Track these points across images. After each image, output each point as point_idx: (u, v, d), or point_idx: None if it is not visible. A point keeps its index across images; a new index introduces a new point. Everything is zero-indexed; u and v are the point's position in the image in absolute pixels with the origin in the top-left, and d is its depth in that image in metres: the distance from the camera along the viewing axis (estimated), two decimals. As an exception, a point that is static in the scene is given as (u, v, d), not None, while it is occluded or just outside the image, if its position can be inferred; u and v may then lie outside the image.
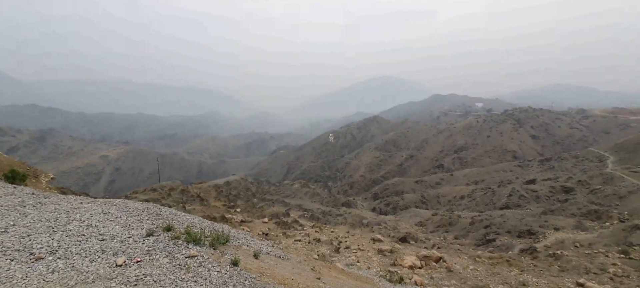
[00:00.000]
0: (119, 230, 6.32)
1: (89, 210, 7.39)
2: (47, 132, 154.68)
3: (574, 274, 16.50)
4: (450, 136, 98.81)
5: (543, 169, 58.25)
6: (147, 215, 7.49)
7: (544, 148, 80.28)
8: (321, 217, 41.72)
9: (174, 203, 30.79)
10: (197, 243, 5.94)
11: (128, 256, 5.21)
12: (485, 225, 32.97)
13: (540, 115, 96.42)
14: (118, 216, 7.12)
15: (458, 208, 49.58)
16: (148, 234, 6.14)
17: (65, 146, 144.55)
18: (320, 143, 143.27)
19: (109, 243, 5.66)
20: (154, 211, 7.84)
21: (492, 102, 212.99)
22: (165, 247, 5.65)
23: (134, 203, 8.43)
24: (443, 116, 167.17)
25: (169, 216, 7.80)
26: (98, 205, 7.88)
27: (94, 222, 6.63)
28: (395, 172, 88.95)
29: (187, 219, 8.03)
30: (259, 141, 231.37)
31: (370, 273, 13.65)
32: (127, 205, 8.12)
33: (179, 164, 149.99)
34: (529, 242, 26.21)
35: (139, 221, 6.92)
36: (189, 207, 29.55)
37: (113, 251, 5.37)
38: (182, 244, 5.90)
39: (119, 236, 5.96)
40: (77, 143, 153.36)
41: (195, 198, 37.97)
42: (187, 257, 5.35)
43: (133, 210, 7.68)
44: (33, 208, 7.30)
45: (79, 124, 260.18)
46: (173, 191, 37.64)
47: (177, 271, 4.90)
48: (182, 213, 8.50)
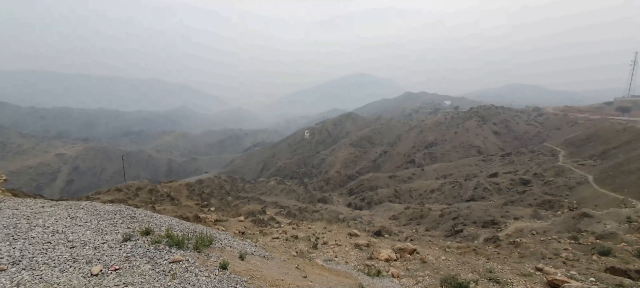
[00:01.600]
0: (91, 235, 5.84)
1: (52, 215, 6.77)
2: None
3: (533, 260, 17.99)
4: (421, 132, 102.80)
5: (504, 163, 62.58)
6: (120, 217, 7.00)
7: (505, 143, 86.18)
8: (298, 214, 41.77)
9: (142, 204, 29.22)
10: (180, 247, 5.65)
11: (104, 264, 4.82)
12: (454, 217, 34.85)
13: (502, 112, 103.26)
14: (87, 221, 6.57)
15: (429, 201, 51.87)
16: (124, 239, 5.74)
17: (14, 144, 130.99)
18: (296, 140, 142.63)
19: (81, 250, 5.20)
20: (127, 214, 7.35)
21: (459, 100, 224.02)
22: (146, 252, 5.32)
23: (104, 206, 7.87)
24: (414, 113, 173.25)
25: (145, 218, 7.36)
26: (63, 209, 7.25)
27: (60, 228, 6.07)
28: (369, 168, 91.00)
29: (165, 221, 7.63)
30: (233, 138, 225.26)
31: (349, 267, 13.94)
32: (96, 208, 7.54)
33: (147, 163, 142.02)
34: (493, 232, 28.08)
35: (112, 225, 6.44)
36: (158, 207, 28.19)
37: (86, 259, 4.93)
38: (163, 248, 5.59)
39: (91, 243, 5.51)
40: (28, 140, 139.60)
41: (166, 197, 36.36)
42: (171, 262, 5.08)
43: (104, 213, 7.14)
44: (-15, 215, 6.56)
45: (30, 120, 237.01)
46: (141, 191, 35.73)
47: (162, 278, 4.62)
48: (158, 215, 8.07)
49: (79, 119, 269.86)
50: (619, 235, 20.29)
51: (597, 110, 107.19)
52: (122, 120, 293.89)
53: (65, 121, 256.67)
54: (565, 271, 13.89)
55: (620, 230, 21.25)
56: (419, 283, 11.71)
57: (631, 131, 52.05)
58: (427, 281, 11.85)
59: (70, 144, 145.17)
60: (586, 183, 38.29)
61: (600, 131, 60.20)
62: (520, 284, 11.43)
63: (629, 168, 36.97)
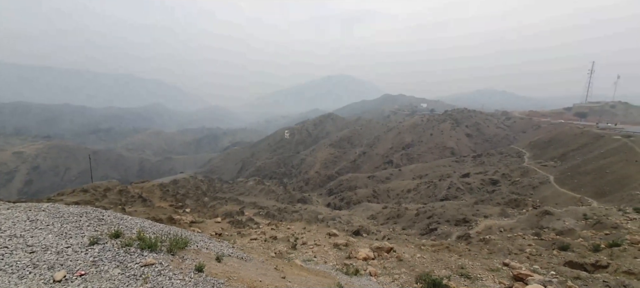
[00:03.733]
0: (53, 239, 5.43)
1: (9, 218, 6.24)
2: None
3: (500, 255, 19.03)
4: (399, 133, 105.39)
5: (475, 164, 65.63)
6: (86, 220, 6.57)
7: (476, 145, 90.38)
8: (277, 214, 41.32)
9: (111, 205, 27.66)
10: (152, 250, 5.38)
11: (68, 269, 4.48)
12: (429, 216, 36.03)
13: (473, 116, 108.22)
14: (49, 224, 6.11)
15: (405, 200, 53.27)
16: (91, 242, 5.38)
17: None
18: (276, 140, 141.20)
19: (41, 255, 4.82)
20: (94, 216, 6.92)
21: (434, 103, 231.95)
22: (115, 256, 5.02)
23: (69, 208, 7.36)
24: (393, 115, 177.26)
25: (114, 220, 6.97)
26: (21, 211, 6.70)
27: (18, 232, 5.60)
28: (349, 168, 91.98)
29: (137, 223, 7.27)
30: (210, 137, 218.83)
31: (327, 267, 14.01)
32: (59, 210, 7.04)
33: (116, 162, 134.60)
34: (464, 229, 29.32)
35: (77, 228, 6.02)
36: (129, 209, 26.81)
37: (48, 264, 4.57)
38: (134, 252, 5.30)
39: (53, 247, 5.11)
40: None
41: (137, 198, 34.63)
42: (143, 265, 4.82)
43: (68, 216, 6.67)
44: None
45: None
46: (109, 192, 33.80)
47: (132, 282, 4.38)
48: (129, 217, 7.67)
49: (39, 115, 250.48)
50: (577, 232, 21.91)
51: (558, 115, 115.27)
52: (89, 117, 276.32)
53: (24, 117, 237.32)
54: (529, 265, 14.81)
55: (578, 227, 22.95)
56: (395, 280, 12.00)
57: (587, 135, 56.43)
58: (403, 278, 12.17)
59: (29, 142, 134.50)
60: (548, 182, 41.03)
61: (560, 134, 64.74)
62: (489, 279, 12.04)
63: (585, 169, 40.11)
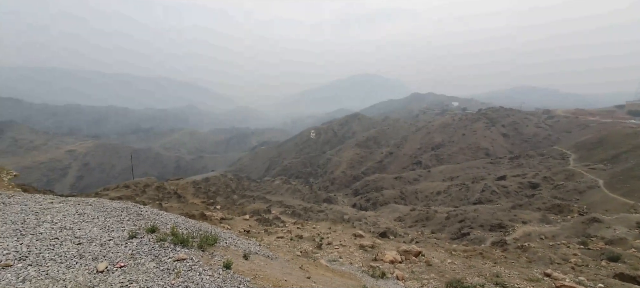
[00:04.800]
0: (98, 232, 5.91)
1: (61, 211, 6.87)
2: (5, 124, 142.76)
3: (541, 265, 17.67)
4: (428, 133, 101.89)
5: (512, 166, 61.60)
6: (127, 215, 7.07)
7: (514, 146, 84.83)
8: (303, 213, 41.79)
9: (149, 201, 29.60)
10: (184, 245, 5.68)
11: (110, 261, 4.86)
12: (460, 220, 34.45)
13: (511, 115, 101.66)
14: (95, 217, 6.65)
15: (435, 203, 51.37)
16: (130, 236, 5.79)
17: (26, 140, 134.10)
18: (302, 139, 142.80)
19: (87, 247, 5.26)
20: (134, 211, 7.42)
21: (467, 102, 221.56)
22: (151, 250, 5.35)
23: (112, 203, 7.96)
24: (421, 114, 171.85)
25: (151, 216, 7.42)
26: (71, 205, 7.35)
27: (68, 224, 6.15)
28: (375, 168, 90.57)
29: (171, 219, 7.68)
30: (240, 136, 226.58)
31: (353, 268, 13.86)
32: (103, 205, 7.64)
33: (154, 160, 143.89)
34: (500, 235, 27.69)
35: (118, 222, 6.50)
36: (165, 204, 28.50)
37: (92, 255, 4.98)
38: (168, 246, 5.61)
39: (98, 240, 5.56)
40: (39, 137, 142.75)
41: (172, 195, 36.71)
42: (176, 260, 5.10)
43: (111, 210, 7.22)
44: (-5, 210, 6.68)
45: (42, 117, 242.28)
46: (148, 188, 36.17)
47: (166, 276, 4.64)
48: (164, 213, 8.14)
49: (89, 116, 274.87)
50: (629, 241, 19.82)
51: (608, 113, 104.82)
52: (131, 117, 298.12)
53: (76, 118, 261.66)
54: (574, 277, 13.59)
55: (630, 236, 20.76)
56: (423, 286, 11.58)
57: (644, 135, 50.75)
58: (432, 284, 11.70)
59: (80, 141, 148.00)
60: (596, 187, 37.47)
61: (611, 135, 58.87)
62: (528, 290, 11.22)
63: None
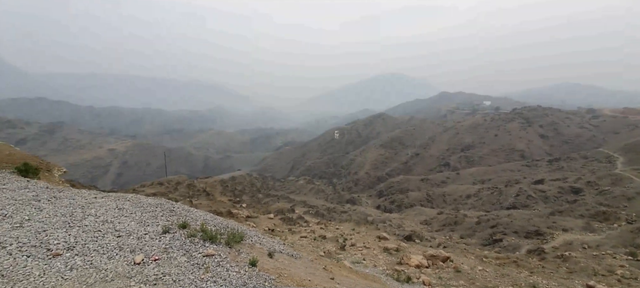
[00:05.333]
0: (135, 226, 6.33)
1: (103, 205, 7.44)
2: (56, 125, 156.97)
3: (583, 276, 16.31)
4: (457, 134, 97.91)
5: (551, 170, 57.48)
6: (160, 210, 7.51)
7: (553, 148, 79.12)
8: (326, 214, 41.83)
9: (181, 197, 31.11)
10: (213, 242, 5.93)
11: (146, 254, 5.20)
12: (492, 225, 32.74)
13: (549, 114, 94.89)
14: (133, 212, 7.14)
15: (464, 207, 49.25)
16: (164, 231, 6.14)
17: (74, 139, 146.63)
18: (326, 140, 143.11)
19: (126, 239, 5.66)
20: (167, 207, 7.87)
21: (500, 101, 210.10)
22: (182, 245, 5.65)
23: (147, 199, 8.48)
24: (450, 114, 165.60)
25: (182, 212, 7.82)
26: (112, 200, 7.94)
27: (109, 218, 6.66)
28: (400, 170, 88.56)
29: (200, 216, 8.05)
30: (264, 137, 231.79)
31: (377, 271, 13.64)
32: (140, 200, 8.16)
33: (185, 159, 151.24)
34: (537, 243, 26.00)
35: (153, 218, 6.93)
36: (195, 201, 29.82)
37: (130, 248, 5.36)
38: (198, 242, 5.87)
39: (135, 233, 5.97)
40: (85, 136, 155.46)
41: (202, 192, 38.30)
42: (205, 255, 5.34)
43: (147, 206, 7.70)
44: (48, 203, 7.34)
45: (87, 118, 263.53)
46: (180, 186, 38.05)
47: (196, 271, 4.87)
48: (194, 210, 8.54)
49: (128, 117, 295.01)
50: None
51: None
52: (164, 118, 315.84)
53: (116, 119, 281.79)
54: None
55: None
56: (452, 293, 11.14)
57: None
58: (461, 292, 11.22)
59: (120, 141, 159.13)
60: (650, 194, 33.92)
61: (669, 135, 52.98)
62: (569, 303, 10.39)
63: None
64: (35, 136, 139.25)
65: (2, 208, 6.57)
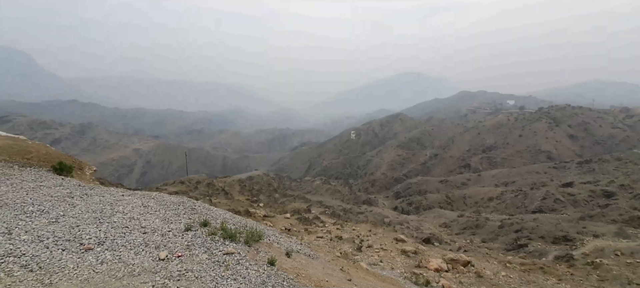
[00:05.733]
0: (159, 223, 6.60)
1: (130, 203, 7.80)
2: (86, 126, 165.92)
3: (616, 285, 15.34)
4: (479, 134, 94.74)
5: (581, 172, 54.38)
6: (183, 209, 7.79)
7: (583, 149, 74.88)
8: (342, 214, 41.65)
9: (201, 196, 32.03)
10: (232, 240, 6.08)
11: (169, 250, 5.41)
12: (516, 229, 31.46)
13: (579, 113, 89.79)
14: (157, 210, 7.44)
15: (486, 210, 47.58)
16: (186, 229, 6.37)
17: (103, 139, 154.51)
18: (342, 140, 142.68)
19: (151, 236, 5.91)
20: (189, 206, 8.15)
21: (525, 100, 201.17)
22: (204, 243, 5.83)
23: (170, 197, 8.82)
24: (471, 114, 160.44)
25: (203, 211, 8.08)
26: (138, 198, 8.31)
27: (135, 215, 6.97)
28: (418, 171, 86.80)
29: (220, 214, 8.27)
30: (281, 137, 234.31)
31: (394, 274, 13.43)
32: (163, 199, 8.50)
33: (205, 159, 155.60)
34: (565, 249, 24.75)
35: (176, 215, 7.19)
36: (214, 200, 30.62)
37: (155, 244, 5.59)
38: (218, 240, 6.05)
39: (159, 230, 6.22)
40: (112, 137, 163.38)
41: (220, 191, 39.26)
42: (225, 253, 5.50)
43: (170, 204, 8.01)
44: (80, 199, 7.78)
45: (114, 119, 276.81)
46: (200, 185, 39.18)
47: (217, 268, 5.02)
48: (214, 208, 8.79)
49: (151, 118, 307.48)
50: None
51: None
52: (185, 119, 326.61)
53: (141, 120, 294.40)
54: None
55: None
56: (473, 299, 10.80)
57: None
58: (482, 298, 10.86)
59: (144, 141, 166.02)
60: (694, 199, 31.35)
61: None
62: (602, 314, 9.80)
63: None
64: (68, 136, 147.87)
65: (40, 204, 7.03)
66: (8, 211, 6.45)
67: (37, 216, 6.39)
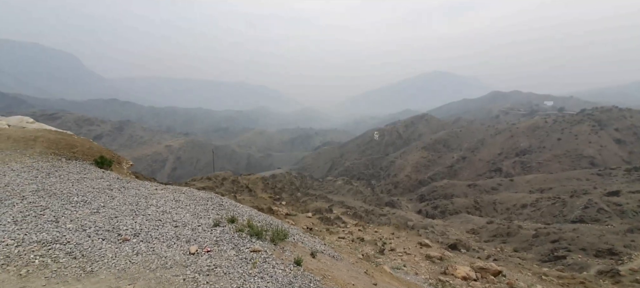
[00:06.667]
0: (190, 218, 6.84)
1: (163, 197, 8.17)
2: (124, 123, 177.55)
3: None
4: (512, 137, 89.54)
5: (630, 180, 49.64)
6: (211, 204, 8.04)
7: (632, 155, 68.34)
8: (364, 216, 41.15)
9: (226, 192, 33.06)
10: (259, 238, 6.15)
11: (199, 245, 5.58)
12: (553, 240, 29.39)
13: (628, 116, 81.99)
14: (187, 205, 7.73)
15: (518, 217, 44.87)
16: (215, 224, 6.54)
17: (138, 136, 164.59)
18: (365, 140, 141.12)
19: (182, 230, 6.14)
20: (216, 202, 8.39)
21: (565, 101, 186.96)
22: (231, 239, 5.95)
23: (199, 193, 9.13)
24: (503, 115, 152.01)
25: (230, 207, 8.28)
26: (170, 192, 8.69)
27: (167, 209, 7.29)
28: (444, 174, 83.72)
29: (246, 211, 8.44)
30: (304, 137, 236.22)
31: (419, 279, 13.02)
32: (193, 194, 8.82)
33: (230, 156, 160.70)
34: (610, 263, 22.78)
35: (205, 211, 7.43)
36: (239, 197, 31.45)
37: (186, 238, 5.79)
38: (245, 237, 6.15)
39: (189, 224, 6.44)
40: (147, 133, 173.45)
41: (245, 188, 40.30)
42: (252, 251, 5.56)
43: (199, 199, 8.30)
44: (118, 192, 8.28)
45: (149, 117, 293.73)
46: (225, 181, 40.48)
47: (244, 265, 5.09)
48: (240, 205, 8.98)
49: (182, 116, 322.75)
50: None
51: None
52: (213, 118, 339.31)
53: (173, 118, 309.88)
54: None
55: None
56: (505, 312, 10.18)
57: None
58: (516, 311, 10.21)
59: (175, 138, 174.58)
60: None
61: None
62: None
63: None
64: (108, 132, 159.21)
65: (83, 195, 7.56)
66: (56, 200, 6.98)
67: (81, 207, 6.86)
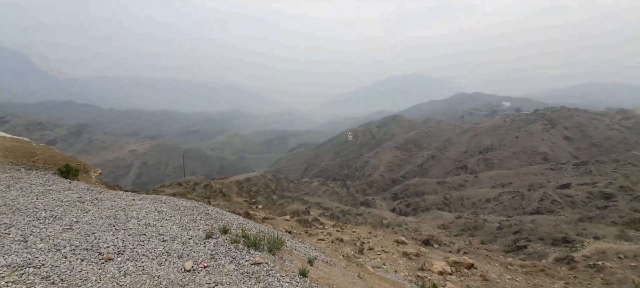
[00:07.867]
0: (177, 230, 6.41)
1: (143, 208, 7.63)
2: (82, 126, 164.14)
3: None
4: (475, 136, 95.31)
5: (578, 174, 54.89)
6: (198, 214, 7.62)
7: (579, 151, 75.59)
8: (341, 216, 41.57)
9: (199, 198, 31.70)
10: (256, 248, 5.92)
11: (194, 260, 5.22)
12: (515, 231, 31.64)
13: (575, 115, 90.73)
14: (172, 216, 7.26)
15: (483, 211, 47.80)
16: (207, 236, 6.19)
17: (98, 140, 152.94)
18: (340, 141, 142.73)
19: (171, 244, 5.71)
20: (202, 210, 7.99)
21: (521, 102, 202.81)
22: (228, 252, 5.66)
23: (182, 201, 8.68)
24: (467, 116, 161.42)
25: (217, 215, 7.94)
26: (149, 203, 8.15)
27: (151, 221, 6.78)
28: (415, 172, 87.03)
29: (234, 219, 8.16)
30: (280, 138, 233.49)
31: (399, 277, 13.42)
32: (176, 203, 8.35)
33: (203, 160, 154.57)
34: (565, 251, 24.93)
35: (193, 221, 7.02)
36: (213, 202, 30.33)
37: (177, 254, 5.40)
38: (242, 249, 5.88)
39: (178, 238, 6.03)
40: (108, 137, 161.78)
41: (218, 193, 38.95)
42: (253, 263, 5.32)
43: (183, 209, 7.86)
44: (92, 204, 7.59)
45: (110, 120, 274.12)
46: (197, 186, 38.82)
47: (247, 280, 4.83)
48: (227, 213, 8.66)
49: (148, 119, 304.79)
50: None
51: None
52: (184, 120, 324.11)
53: (137, 121, 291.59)
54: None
55: None
56: (484, 303, 10.80)
57: None
58: (493, 302, 10.87)
59: (140, 142, 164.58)
60: (692, 201, 31.75)
61: None
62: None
63: None
64: (63, 137, 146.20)
65: (51, 210, 6.85)
66: (21, 217, 6.28)
67: (50, 223, 6.21)
